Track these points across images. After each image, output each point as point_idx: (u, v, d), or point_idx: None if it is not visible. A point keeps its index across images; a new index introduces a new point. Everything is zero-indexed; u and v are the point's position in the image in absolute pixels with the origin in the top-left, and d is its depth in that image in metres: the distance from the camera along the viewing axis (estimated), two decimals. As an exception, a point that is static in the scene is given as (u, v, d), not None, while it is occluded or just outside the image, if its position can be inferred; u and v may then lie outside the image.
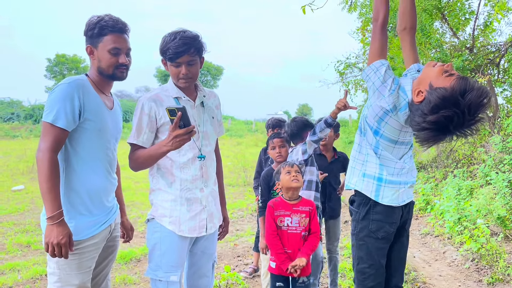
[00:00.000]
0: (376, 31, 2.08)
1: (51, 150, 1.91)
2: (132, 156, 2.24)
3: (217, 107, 2.50)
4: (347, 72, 13.70)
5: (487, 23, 9.03)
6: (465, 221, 5.46)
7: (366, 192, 2.11)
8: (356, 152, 2.17)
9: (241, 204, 8.07)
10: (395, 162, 2.09)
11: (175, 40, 2.15)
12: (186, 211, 2.25)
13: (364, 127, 2.11)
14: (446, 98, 1.74)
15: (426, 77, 1.90)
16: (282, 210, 2.68)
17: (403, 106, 1.95)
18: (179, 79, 2.23)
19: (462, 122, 1.74)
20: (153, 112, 2.21)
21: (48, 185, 1.88)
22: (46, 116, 1.94)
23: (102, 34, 2.06)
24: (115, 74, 2.12)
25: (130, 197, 8.42)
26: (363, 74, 2.07)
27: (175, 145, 2.05)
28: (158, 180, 2.29)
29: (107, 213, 2.17)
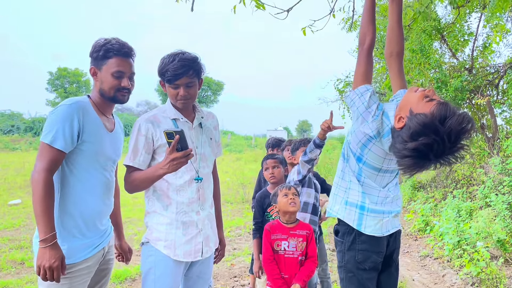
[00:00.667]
0: (361, 56, 2.05)
1: (47, 170, 1.89)
2: (127, 178, 2.21)
3: (215, 128, 2.49)
4: (346, 90, 13.75)
5: (486, 44, 9.10)
6: (465, 244, 5.40)
7: (348, 220, 2.04)
8: (339, 179, 2.11)
9: (238, 222, 8.00)
10: (379, 190, 2.02)
11: (174, 62, 2.15)
12: (181, 235, 2.22)
13: (347, 153, 2.05)
14: (426, 125, 1.67)
15: (407, 102, 1.84)
16: (279, 233, 2.65)
17: (386, 132, 1.89)
18: (177, 100, 2.22)
19: (442, 149, 1.66)
20: (150, 133, 2.19)
21: (42, 206, 1.86)
22: (45, 136, 1.94)
23: (107, 57, 2.08)
24: (116, 97, 2.12)
25: (127, 213, 8.35)
26: (347, 98, 2.02)
27: (172, 168, 2.03)
28: (153, 202, 2.26)
29: (100, 236, 2.14)
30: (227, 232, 7.10)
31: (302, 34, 3.32)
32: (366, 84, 1.98)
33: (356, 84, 2.00)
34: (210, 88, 47.88)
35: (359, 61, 2.05)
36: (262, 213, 3.13)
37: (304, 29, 3.16)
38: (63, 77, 38.99)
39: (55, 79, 39.26)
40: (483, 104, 8.65)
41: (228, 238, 6.80)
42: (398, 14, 2.24)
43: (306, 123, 78.86)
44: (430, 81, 8.90)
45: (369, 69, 2.04)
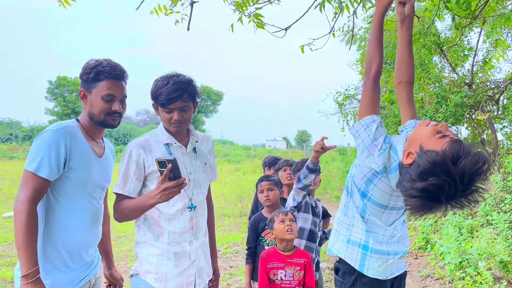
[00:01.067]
0: (368, 84, 1.91)
1: (30, 201, 1.79)
2: (117, 206, 2.10)
3: (210, 152, 2.38)
4: (346, 103, 13.72)
5: (486, 59, 9.08)
6: (467, 265, 5.29)
7: (350, 260, 1.90)
8: (342, 214, 1.96)
9: (236, 238, 7.87)
10: (384, 229, 1.88)
11: (168, 85, 2.05)
12: (173, 267, 2.11)
13: (351, 187, 1.91)
14: (436, 163, 1.52)
15: (417, 137, 1.70)
16: (276, 262, 2.54)
17: (393, 168, 1.75)
18: (171, 125, 2.12)
19: (454, 191, 1.50)
20: (141, 159, 2.09)
21: (24, 239, 1.75)
22: (29, 164, 1.83)
23: (97, 79, 1.98)
24: (106, 121, 2.02)
25: (122, 227, 8.22)
26: (351, 129, 1.89)
27: (164, 198, 1.92)
28: (144, 232, 2.16)
29: (86, 268, 2.04)
30: (223, 249, 6.97)
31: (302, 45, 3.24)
32: (372, 114, 1.84)
33: (361, 114, 1.87)
34: (209, 98, 47.95)
35: (365, 89, 1.91)
36: (255, 237, 3.01)
37: (302, 47, 3.08)
38: (62, 86, 38.96)
39: (54, 87, 39.22)
40: (484, 119, 8.59)
41: (225, 255, 6.67)
42: (408, 40, 2.12)
43: (305, 133, 78.95)
44: (430, 95, 8.86)
45: (375, 98, 1.90)
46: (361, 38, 11.76)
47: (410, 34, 2.13)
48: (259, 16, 2.89)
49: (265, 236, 2.99)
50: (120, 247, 6.96)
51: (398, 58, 2.14)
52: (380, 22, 1.98)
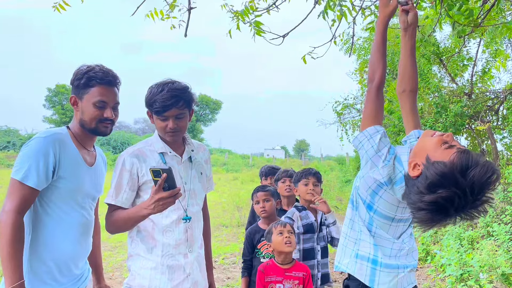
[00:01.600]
0: (371, 93, 1.85)
1: (16, 211, 1.72)
2: (109, 217, 2.03)
3: (206, 162, 2.32)
4: (344, 113, 13.69)
5: (485, 69, 9.06)
6: (468, 277, 5.20)
7: (359, 276, 1.82)
8: (348, 229, 1.89)
9: (233, 248, 7.76)
10: (392, 242, 1.81)
11: (163, 92, 1.99)
12: (167, 280, 2.03)
13: (356, 200, 1.84)
14: (445, 175, 1.48)
15: (423, 148, 1.66)
16: (274, 275, 2.47)
17: (399, 179, 1.69)
18: (166, 133, 2.05)
19: (464, 203, 1.47)
20: (135, 168, 2.02)
21: (10, 252, 1.68)
22: (16, 172, 1.77)
23: (89, 86, 1.91)
24: (97, 129, 1.95)
25: (118, 237, 8.10)
26: (355, 140, 1.82)
27: (158, 208, 1.85)
28: (137, 244, 2.08)
29: (75, 282, 1.95)
30: (220, 259, 6.86)
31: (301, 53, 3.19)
32: (375, 125, 1.78)
33: (364, 125, 1.81)
34: (208, 106, 47.99)
35: (368, 99, 1.86)
36: (251, 250, 2.93)
37: (304, 57, 3.03)
38: (61, 93, 38.93)
39: (53, 95, 39.21)
40: (483, 130, 8.55)
41: (222, 266, 6.57)
42: (412, 49, 2.07)
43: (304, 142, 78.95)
44: (429, 105, 8.83)
45: (379, 109, 1.84)
46: (360, 47, 11.77)
47: (413, 43, 2.08)
48: (259, 24, 2.84)
49: (261, 248, 2.90)
50: (116, 257, 6.85)
51: (401, 67, 2.09)
52: (383, 31, 1.93)
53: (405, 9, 2.04)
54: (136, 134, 44.26)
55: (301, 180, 2.95)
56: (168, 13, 2.73)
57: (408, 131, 2.08)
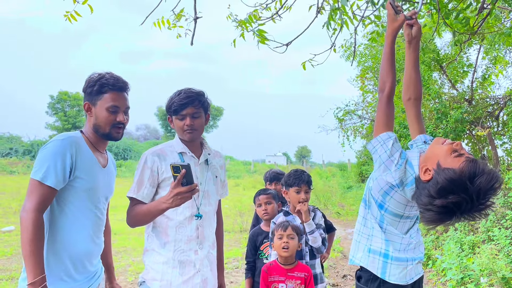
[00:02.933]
0: (382, 102, 2.00)
1: (36, 210, 1.81)
2: (130, 211, 2.18)
3: (221, 167, 2.47)
4: (346, 119, 13.77)
5: (486, 76, 9.15)
6: (468, 281, 5.25)
7: (372, 269, 1.98)
8: (361, 226, 2.06)
9: (236, 253, 7.82)
10: (401, 237, 1.98)
11: (180, 95, 2.22)
12: (178, 275, 2.15)
13: (368, 199, 2.01)
14: (454, 181, 1.65)
15: (434, 154, 1.82)
16: (277, 275, 2.55)
17: (409, 181, 1.86)
18: (184, 131, 2.22)
19: (470, 207, 1.65)
20: (155, 166, 2.19)
21: (31, 248, 1.77)
22: (35, 173, 1.86)
23: (101, 92, 2.04)
24: (110, 134, 2.07)
25: (122, 242, 8.18)
26: (369, 145, 1.98)
27: (176, 202, 1.99)
28: (152, 239, 2.22)
29: (90, 279, 2.04)
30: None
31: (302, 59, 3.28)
32: (388, 131, 1.94)
33: (377, 131, 1.96)
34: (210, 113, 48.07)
35: (380, 108, 2.00)
36: (254, 252, 3.01)
37: (304, 63, 3.13)
38: (63, 100, 39.13)
39: (55, 102, 39.40)
40: (484, 135, 8.62)
41: (225, 270, 6.61)
42: (415, 60, 2.22)
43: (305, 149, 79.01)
44: (430, 111, 8.91)
45: (390, 116, 1.99)
46: (361, 54, 11.88)
47: (417, 54, 2.23)
48: (263, 32, 2.94)
49: (264, 249, 2.98)
50: (120, 261, 6.91)
51: (406, 77, 2.24)
52: (391, 44, 2.06)
53: (409, 23, 2.18)
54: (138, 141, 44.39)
55: (293, 187, 2.92)
56: (175, 22, 2.83)
57: (414, 135, 2.23)
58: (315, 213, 3.03)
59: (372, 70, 11.78)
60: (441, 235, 8.29)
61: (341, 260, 7.57)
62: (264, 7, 3.01)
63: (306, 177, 2.95)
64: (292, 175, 2.99)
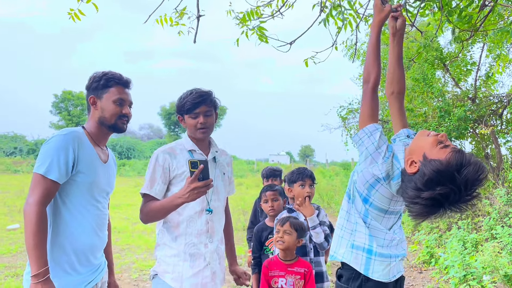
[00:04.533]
0: (367, 94, 1.96)
1: (40, 203, 1.85)
2: (144, 208, 2.24)
3: (228, 165, 2.55)
4: (349, 118, 13.76)
5: (489, 74, 9.12)
6: (471, 278, 5.26)
7: (355, 265, 1.92)
8: (344, 220, 1.99)
9: (239, 251, 7.84)
10: (385, 233, 1.93)
11: (192, 94, 2.29)
12: (189, 267, 2.23)
13: (353, 193, 1.95)
14: (442, 172, 1.62)
15: (419, 146, 1.78)
16: (277, 270, 2.58)
17: (396, 175, 1.82)
18: (197, 130, 2.29)
19: (458, 198, 1.62)
20: (167, 163, 2.25)
21: (35, 240, 1.81)
22: (38, 167, 1.89)
23: (108, 86, 2.11)
24: (116, 125, 2.12)
25: (126, 240, 8.23)
26: (355, 137, 1.93)
27: (192, 197, 2.06)
28: (164, 234, 2.29)
29: (93, 272, 2.07)
30: (226, 262, 6.95)
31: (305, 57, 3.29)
32: (373, 122, 1.90)
33: (363, 123, 1.92)
34: (213, 112, 48.13)
35: (365, 99, 1.97)
36: (260, 247, 3.04)
37: (306, 60, 3.14)
38: (67, 100, 39.30)
39: (59, 101, 39.57)
40: (487, 134, 8.60)
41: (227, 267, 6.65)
42: (399, 54, 2.20)
43: (309, 148, 78.94)
44: (433, 110, 8.89)
45: (375, 107, 1.95)
46: (364, 53, 11.87)
47: (400, 48, 2.20)
48: (262, 29, 2.95)
49: (268, 245, 3.01)
50: (124, 259, 6.96)
51: (390, 70, 2.21)
52: (377, 34, 2.03)
53: (394, 15, 2.15)
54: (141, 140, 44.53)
55: (297, 182, 2.97)
56: (178, 20, 2.86)
57: (396, 130, 2.20)
58: (319, 211, 3.04)
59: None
60: (444, 233, 8.28)
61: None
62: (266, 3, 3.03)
63: (309, 172, 3.03)
64: (296, 172, 3.08)
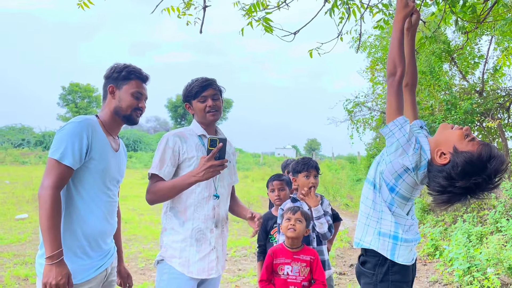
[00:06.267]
0: (393, 87, 1.99)
1: (54, 187, 1.90)
2: (152, 188, 2.28)
3: (233, 154, 2.60)
4: (355, 111, 13.73)
5: (497, 67, 9.05)
6: (475, 270, 5.27)
7: (382, 251, 2.02)
8: (370, 209, 2.07)
9: (244, 242, 7.92)
10: (406, 219, 2.04)
11: (198, 80, 2.37)
12: (195, 252, 2.27)
13: (379, 182, 2.04)
14: (474, 164, 1.80)
15: (447, 139, 1.92)
16: (283, 258, 2.61)
17: (423, 165, 1.93)
18: (207, 113, 2.35)
19: (485, 187, 1.82)
20: (177, 146, 2.30)
21: (49, 223, 1.86)
22: (53, 153, 1.95)
23: (128, 78, 2.17)
24: (131, 116, 2.18)
25: (133, 230, 8.33)
26: (385, 129, 1.97)
27: (207, 175, 2.11)
28: (171, 219, 2.32)
29: (103, 256, 2.13)
30: (232, 252, 7.03)
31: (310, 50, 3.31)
32: (401, 115, 1.96)
33: (391, 115, 1.97)
34: (219, 105, 48.14)
35: (391, 92, 2.00)
36: (265, 235, 3.09)
37: (311, 51, 3.16)
38: (74, 92, 39.52)
39: (67, 94, 39.80)
40: (494, 127, 8.57)
41: (233, 258, 6.74)
42: (412, 47, 2.27)
43: (315, 141, 78.71)
44: (439, 103, 8.86)
45: (401, 101, 2.01)
46: (371, 45, 11.82)
47: (414, 42, 2.31)
48: (268, 20, 2.97)
49: (273, 234, 3.05)
50: (130, 248, 7.06)
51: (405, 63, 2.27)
52: (402, 29, 2.07)
53: None
54: (148, 133, 44.66)
55: (302, 172, 3.01)
56: (184, 11, 2.89)
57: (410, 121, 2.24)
58: (322, 201, 3.06)
59: (382, 61, 11.71)
60: (449, 226, 8.29)
61: (348, 250, 7.63)
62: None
63: (314, 163, 3.06)
64: (301, 162, 3.11)
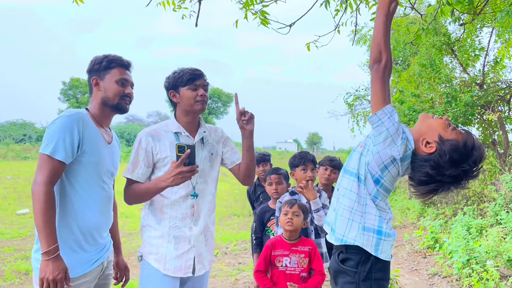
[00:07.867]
0: (379, 73, 1.87)
1: (47, 183, 1.89)
2: (127, 190, 2.25)
3: (217, 142, 2.45)
4: (356, 104, 13.71)
5: (497, 59, 9.00)
6: (474, 262, 5.28)
7: (367, 247, 1.88)
8: (354, 202, 1.92)
9: (245, 235, 7.95)
10: (387, 212, 1.94)
11: (187, 68, 2.28)
12: (172, 249, 2.23)
13: (364, 174, 1.90)
14: (460, 151, 1.79)
15: (430, 128, 1.87)
16: (281, 249, 2.62)
17: (407, 155, 1.86)
18: (197, 102, 2.25)
19: (471, 174, 1.82)
20: (150, 147, 2.22)
21: (44, 219, 1.85)
22: (45, 148, 1.93)
23: (109, 67, 2.15)
24: (119, 104, 2.16)
25: (132, 225, 8.36)
26: (373, 117, 1.85)
27: (176, 181, 2.06)
28: (148, 216, 2.29)
29: (100, 250, 2.12)
30: (232, 246, 7.06)
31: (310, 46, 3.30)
32: (388, 104, 1.86)
33: (378, 104, 1.86)
34: (220, 99, 48.18)
35: (377, 79, 1.88)
36: (262, 228, 3.10)
37: (308, 44, 3.15)
38: (75, 87, 39.49)
39: (68, 89, 39.78)
40: (494, 119, 8.54)
41: (234, 251, 6.76)
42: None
43: (316, 135, 78.68)
44: (440, 95, 8.83)
45: (387, 88, 1.90)
46: (370, 38, 11.76)
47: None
48: (265, 13, 2.96)
49: (270, 226, 3.06)
50: (131, 243, 7.08)
51: None
52: (388, 13, 1.92)
53: None
54: (149, 127, 44.58)
55: (299, 166, 3.02)
56: (180, 4, 2.88)
57: None
58: (320, 194, 3.05)
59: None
60: (449, 219, 8.30)
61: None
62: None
63: (311, 157, 3.08)
64: (298, 156, 3.13)
